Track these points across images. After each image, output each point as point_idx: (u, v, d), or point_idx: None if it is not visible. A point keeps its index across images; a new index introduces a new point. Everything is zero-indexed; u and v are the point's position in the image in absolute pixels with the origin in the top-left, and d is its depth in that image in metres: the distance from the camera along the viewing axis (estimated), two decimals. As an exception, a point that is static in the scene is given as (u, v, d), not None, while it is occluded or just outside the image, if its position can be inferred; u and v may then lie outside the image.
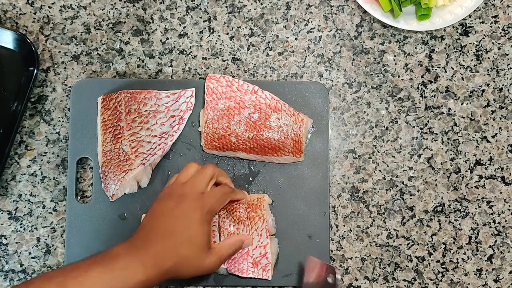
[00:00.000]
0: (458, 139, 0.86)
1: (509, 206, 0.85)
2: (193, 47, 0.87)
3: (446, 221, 0.84)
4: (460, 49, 0.87)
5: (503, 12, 0.88)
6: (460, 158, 0.85)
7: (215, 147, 0.81)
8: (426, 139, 0.86)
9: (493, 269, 0.84)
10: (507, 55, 0.87)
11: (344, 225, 0.84)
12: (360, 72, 0.87)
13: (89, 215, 0.82)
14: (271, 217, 0.80)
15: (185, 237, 0.67)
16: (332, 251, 0.83)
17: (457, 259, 0.84)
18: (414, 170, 0.85)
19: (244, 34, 0.87)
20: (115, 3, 0.87)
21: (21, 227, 0.83)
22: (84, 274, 0.62)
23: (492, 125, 0.86)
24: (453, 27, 0.88)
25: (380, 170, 0.85)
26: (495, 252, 0.84)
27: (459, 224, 0.84)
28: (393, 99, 0.86)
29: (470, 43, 0.87)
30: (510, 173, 0.85)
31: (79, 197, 0.83)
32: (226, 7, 0.87)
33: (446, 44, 0.87)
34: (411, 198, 0.85)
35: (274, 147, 0.81)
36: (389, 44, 0.87)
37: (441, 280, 0.84)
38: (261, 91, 0.82)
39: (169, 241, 0.66)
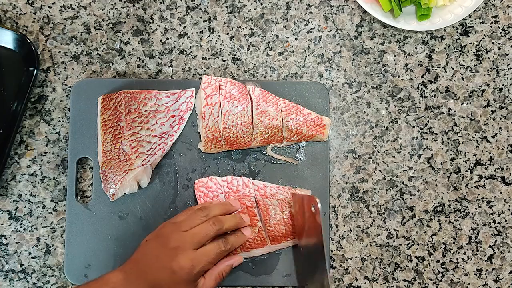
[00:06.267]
0: (458, 139, 0.86)
1: (509, 206, 0.85)
2: (193, 47, 0.87)
3: (446, 221, 0.84)
4: (460, 49, 0.87)
5: (503, 12, 0.88)
6: (460, 158, 0.85)
7: None
8: (426, 139, 0.86)
9: (493, 269, 0.84)
10: (507, 55, 0.87)
11: (344, 225, 0.84)
12: (360, 72, 0.87)
13: (89, 215, 0.82)
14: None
15: None
16: (332, 251, 0.83)
17: (457, 259, 0.84)
18: (414, 170, 0.85)
19: (244, 34, 0.87)
20: (115, 3, 0.87)
21: (21, 227, 0.83)
22: None
23: (492, 125, 0.86)
24: (453, 27, 0.88)
25: (380, 170, 0.85)
26: (495, 252, 0.84)
27: (459, 224, 0.84)
28: (393, 99, 0.86)
29: (470, 43, 0.87)
30: (510, 173, 0.85)
31: (79, 197, 0.83)
32: (226, 7, 0.87)
33: (446, 44, 0.87)
34: (411, 198, 0.85)
35: (285, 234, 0.81)
36: (389, 44, 0.87)
37: (441, 280, 0.84)
38: (251, 182, 0.81)
39: None
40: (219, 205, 0.78)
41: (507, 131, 0.86)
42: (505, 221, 0.85)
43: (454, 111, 0.86)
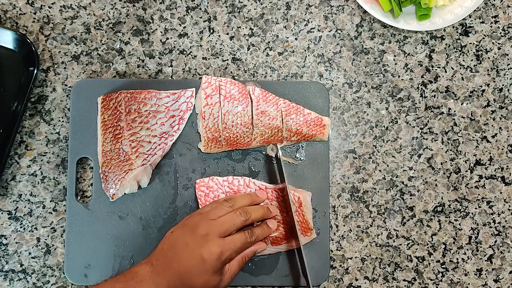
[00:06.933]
0: (458, 139, 0.86)
1: (509, 206, 0.85)
2: (193, 47, 0.87)
3: (446, 221, 0.84)
4: (460, 49, 0.87)
5: (503, 12, 0.88)
6: (460, 158, 0.85)
7: None
8: (426, 139, 0.86)
9: (493, 269, 0.84)
10: (507, 55, 0.87)
11: (344, 225, 0.84)
12: (360, 72, 0.87)
13: (89, 215, 0.82)
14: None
15: (200, 281, 0.71)
16: (332, 251, 0.83)
17: (457, 259, 0.84)
18: (414, 170, 0.85)
19: (244, 34, 0.87)
20: (115, 3, 0.87)
21: (21, 227, 0.83)
22: None
23: (492, 125, 0.86)
24: (453, 27, 0.88)
25: (380, 170, 0.85)
26: (495, 252, 0.84)
27: (459, 224, 0.84)
28: (393, 99, 0.86)
29: (470, 43, 0.87)
30: (510, 173, 0.85)
31: (79, 197, 0.83)
32: (226, 7, 0.87)
33: (446, 44, 0.87)
34: (411, 198, 0.85)
35: (285, 236, 0.81)
36: (389, 44, 0.87)
37: (441, 280, 0.84)
38: (253, 182, 0.82)
39: (185, 279, 0.71)
40: (245, 196, 0.79)
41: (507, 131, 0.86)
42: (505, 221, 0.85)
43: (454, 111, 0.86)
